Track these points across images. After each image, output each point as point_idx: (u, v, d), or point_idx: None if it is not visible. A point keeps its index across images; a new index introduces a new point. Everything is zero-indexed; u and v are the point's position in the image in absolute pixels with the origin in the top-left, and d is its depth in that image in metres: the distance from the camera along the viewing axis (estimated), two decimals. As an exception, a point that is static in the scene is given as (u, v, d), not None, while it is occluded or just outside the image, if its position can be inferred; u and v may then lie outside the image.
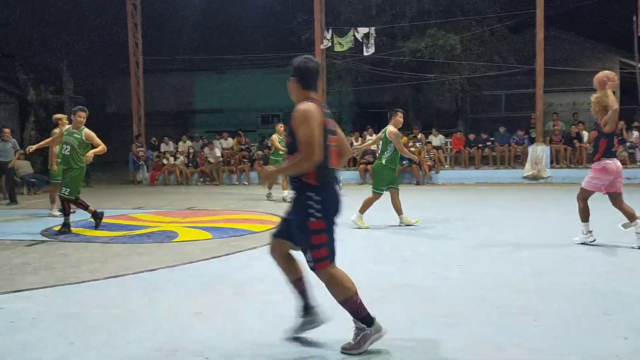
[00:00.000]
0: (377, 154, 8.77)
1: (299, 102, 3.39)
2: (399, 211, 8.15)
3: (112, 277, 5.31)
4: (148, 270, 5.55)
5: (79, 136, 7.93)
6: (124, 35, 18.80)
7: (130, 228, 8.31)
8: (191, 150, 17.71)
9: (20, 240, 7.45)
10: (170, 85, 25.65)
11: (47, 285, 5.03)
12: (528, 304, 4.19)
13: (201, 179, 16.93)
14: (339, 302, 3.33)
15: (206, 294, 4.67)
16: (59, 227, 8.02)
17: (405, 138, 16.53)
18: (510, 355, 3.26)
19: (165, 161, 17.52)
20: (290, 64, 3.55)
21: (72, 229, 7.94)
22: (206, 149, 17.14)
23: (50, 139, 9.49)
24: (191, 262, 5.89)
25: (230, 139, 18.10)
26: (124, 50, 19.18)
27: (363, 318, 3.30)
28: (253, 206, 10.87)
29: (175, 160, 17.41)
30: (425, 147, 15.82)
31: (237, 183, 16.53)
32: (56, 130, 9.60)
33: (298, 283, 3.55)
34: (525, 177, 14.81)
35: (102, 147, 7.88)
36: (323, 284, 3.36)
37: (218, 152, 17.08)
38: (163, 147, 18.27)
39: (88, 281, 5.17)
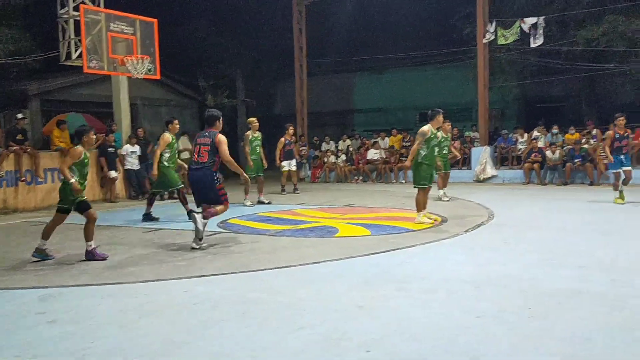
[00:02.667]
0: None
1: None
2: (419, 207, 8.31)
3: (282, 267, 5.67)
4: (313, 263, 5.82)
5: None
6: (290, 41, 19.90)
7: (294, 223, 8.78)
8: (351, 149, 18.20)
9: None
10: (331, 86, 26.53)
11: (225, 272, 5.53)
12: None
13: (359, 177, 17.26)
14: None
15: (368, 289, 4.77)
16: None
17: (577, 134, 15.26)
18: None
19: (326, 159, 18.21)
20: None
21: (245, 222, 8.68)
22: (371, 150, 17.41)
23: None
24: (352, 257, 6.05)
25: (387, 139, 18.22)
26: (289, 55, 20.33)
27: None
28: (411, 204, 10.81)
29: (336, 159, 18.00)
30: (601, 143, 14.39)
31: (395, 181, 16.59)
32: (248, 133, 11.70)
33: None
34: None
35: None
36: None
37: (382, 153, 17.34)
38: (324, 146, 19.02)
39: (260, 270, 5.59)
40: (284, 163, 13.40)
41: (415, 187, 8.45)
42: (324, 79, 25.31)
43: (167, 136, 9.29)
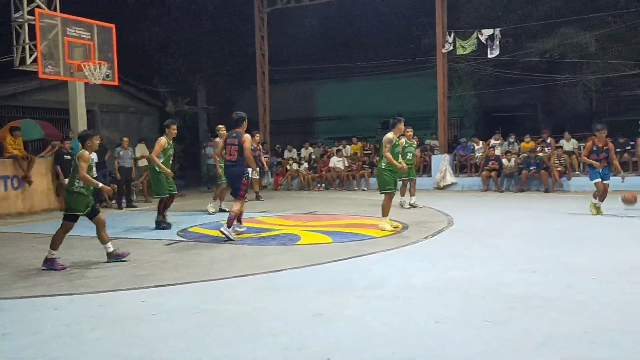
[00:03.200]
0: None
1: None
2: (384, 213, 8.36)
3: (242, 276, 5.62)
4: (274, 271, 5.79)
5: None
6: (252, 47, 19.84)
7: (256, 230, 8.73)
8: (313, 157, 18.23)
9: (159, 239, 8.13)
10: (294, 94, 26.55)
11: (184, 282, 5.45)
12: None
13: (322, 185, 17.29)
14: None
15: (329, 296, 4.78)
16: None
17: (532, 142, 15.72)
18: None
19: (288, 167, 18.19)
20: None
21: (205, 230, 8.61)
22: (334, 158, 17.45)
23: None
24: (313, 265, 6.05)
25: (348, 147, 18.33)
26: (251, 62, 20.26)
27: None
28: (372, 212, 10.91)
29: (299, 166, 18.00)
30: (555, 152, 14.87)
31: (357, 188, 16.69)
32: (218, 140, 11.11)
33: None
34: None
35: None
36: None
37: (345, 161, 17.42)
38: (286, 154, 19.00)
39: (220, 279, 5.53)
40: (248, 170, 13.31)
41: (381, 193, 8.53)
42: (287, 86, 25.30)
43: (164, 140, 9.10)
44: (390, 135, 8.38)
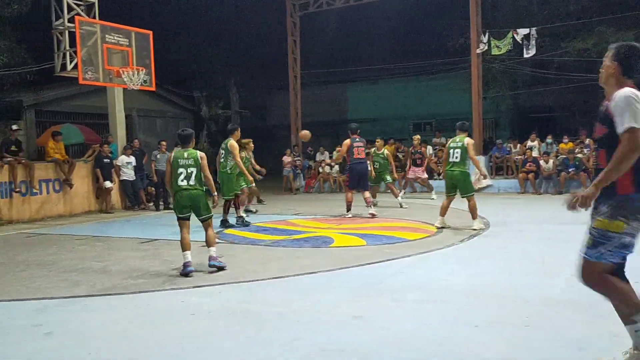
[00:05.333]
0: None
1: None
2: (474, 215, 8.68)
3: (275, 278, 5.68)
4: (307, 273, 5.83)
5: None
6: (284, 51, 20.01)
7: (290, 233, 8.79)
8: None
9: (195, 241, 8.25)
10: (325, 97, 26.65)
11: (220, 283, 5.54)
12: None
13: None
14: None
15: (363, 299, 4.78)
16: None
17: (571, 143, 15.37)
18: None
19: (320, 170, 18.24)
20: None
21: (240, 232, 8.74)
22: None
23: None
24: (347, 267, 6.06)
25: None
26: (283, 65, 20.44)
27: None
28: (405, 214, 10.86)
29: (331, 169, 18.04)
30: (594, 153, 14.52)
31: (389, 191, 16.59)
32: (244, 154, 11.35)
33: None
34: None
35: None
36: None
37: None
38: (318, 157, 19.05)
39: (255, 280, 5.59)
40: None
41: (463, 196, 8.80)
42: (318, 89, 25.41)
43: (236, 144, 9.62)
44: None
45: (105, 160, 13.09)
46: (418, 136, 15.68)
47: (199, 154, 6.14)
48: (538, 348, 3.51)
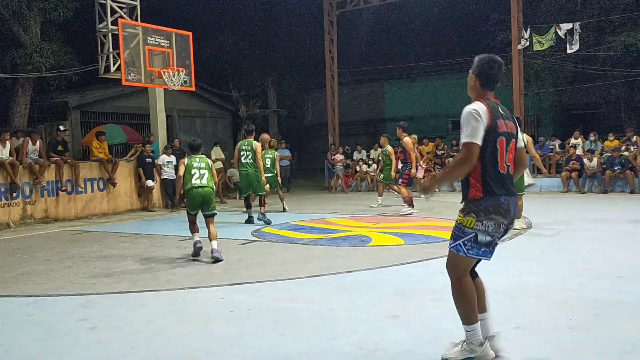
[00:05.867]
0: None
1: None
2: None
3: (314, 276, 5.69)
4: (345, 272, 5.82)
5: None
6: (320, 50, 20.04)
7: (327, 232, 8.80)
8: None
9: (235, 239, 8.37)
10: (362, 95, 26.56)
11: (259, 280, 5.59)
12: None
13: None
14: None
15: (402, 299, 4.75)
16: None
17: (617, 141, 14.87)
18: None
19: (357, 168, 18.19)
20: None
21: (278, 230, 8.83)
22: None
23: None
24: (385, 267, 6.03)
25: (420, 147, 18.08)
26: (320, 64, 20.47)
27: None
28: (444, 213, 10.72)
29: (368, 167, 17.97)
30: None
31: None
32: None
33: None
34: None
35: None
36: None
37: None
38: (356, 155, 19.01)
39: (293, 279, 5.62)
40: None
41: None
42: (355, 87, 25.34)
43: (260, 146, 10.03)
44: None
45: (147, 159, 13.39)
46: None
47: (209, 160, 7.16)
48: (587, 351, 3.40)
